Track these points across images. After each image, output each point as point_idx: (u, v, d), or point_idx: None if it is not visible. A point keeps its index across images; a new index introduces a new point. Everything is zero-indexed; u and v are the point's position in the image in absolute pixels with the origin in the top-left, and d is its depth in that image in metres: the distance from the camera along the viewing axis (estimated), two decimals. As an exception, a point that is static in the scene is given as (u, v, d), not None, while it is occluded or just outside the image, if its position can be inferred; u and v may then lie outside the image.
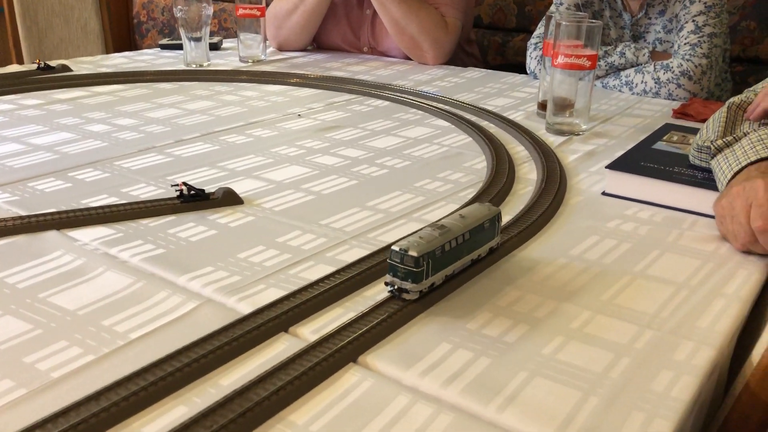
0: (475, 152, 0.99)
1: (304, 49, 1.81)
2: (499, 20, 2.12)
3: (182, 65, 1.57)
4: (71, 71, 1.46)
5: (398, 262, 0.54)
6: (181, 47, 1.58)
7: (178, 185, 0.77)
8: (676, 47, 1.32)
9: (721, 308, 0.58)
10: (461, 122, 1.12)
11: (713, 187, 0.77)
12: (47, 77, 1.36)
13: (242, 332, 0.51)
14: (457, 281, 0.60)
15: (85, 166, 0.89)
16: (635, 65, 1.35)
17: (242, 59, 1.63)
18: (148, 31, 3.12)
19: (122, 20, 3.16)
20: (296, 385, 0.46)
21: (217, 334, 0.51)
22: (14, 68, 1.45)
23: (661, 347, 0.52)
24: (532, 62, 1.47)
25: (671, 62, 1.30)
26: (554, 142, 1.04)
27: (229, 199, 0.77)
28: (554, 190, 0.82)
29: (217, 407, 0.43)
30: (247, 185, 0.84)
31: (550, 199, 0.79)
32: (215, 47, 1.78)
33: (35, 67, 1.43)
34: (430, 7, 1.62)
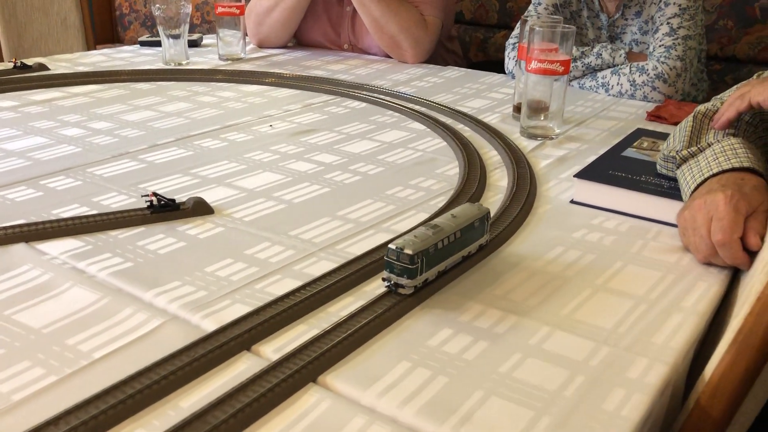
0: (448, 157, 1.00)
1: (284, 46, 1.81)
2: (480, 16, 2.12)
3: (161, 63, 1.56)
4: (48, 70, 1.46)
5: (394, 259, 0.59)
6: (160, 44, 1.58)
7: (148, 195, 0.77)
8: (651, 49, 1.33)
9: (678, 323, 0.59)
10: (437, 125, 1.12)
11: (678, 197, 0.78)
12: (23, 77, 1.35)
13: (204, 352, 0.52)
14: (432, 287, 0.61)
15: (57, 173, 0.89)
16: (612, 66, 1.36)
17: (221, 57, 1.63)
18: (130, 23, 3.09)
19: (105, 12, 3.13)
20: (255, 407, 0.46)
21: (179, 353, 0.52)
22: (-10, 67, 1.44)
23: (615, 364, 0.53)
24: (510, 62, 1.48)
25: (646, 65, 1.31)
26: (527, 146, 1.05)
27: (199, 209, 0.78)
28: (523, 198, 0.83)
29: (175, 431, 0.44)
30: (218, 193, 0.84)
31: (518, 208, 0.80)
32: (195, 44, 1.77)
33: (11, 66, 1.42)
34: (409, 5, 1.62)
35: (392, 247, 0.58)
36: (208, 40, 1.86)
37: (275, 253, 0.70)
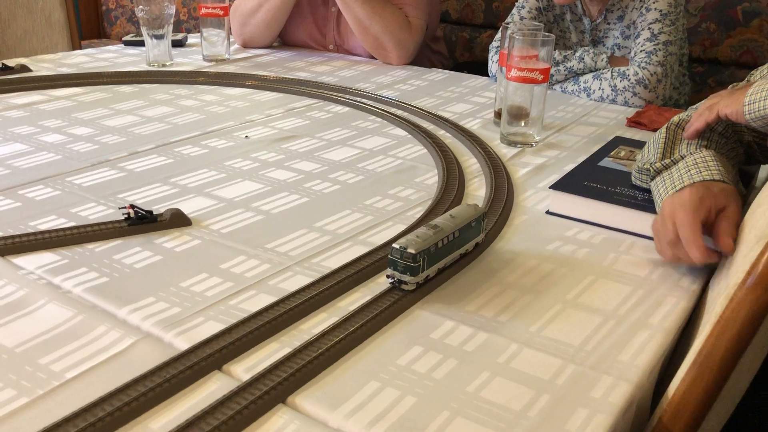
0: (428, 165, 1.01)
1: (269, 46, 1.80)
2: (466, 16, 2.12)
3: (145, 64, 1.56)
4: (30, 72, 1.45)
5: (398, 258, 0.63)
6: (144, 43, 1.57)
7: (126, 208, 0.78)
8: (632, 54, 1.34)
9: (644, 340, 0.60)
10: (418, 132, 1.13)
11: (652, 209, 0.79)
12: (5, 79, 1.35)
13: (176, 372, 0.52)
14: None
15: (36, 182, 0.89)
16: (594, 70, 1.37)
17: (206, 58, 1.62)
18: (117, 18, 3.08)
19: (91, 8, 3.11)
20: (224, 429, 0.47)
21: (150, 374, 0.52)
22: (-28, 69, 1.43)
23: (580, 383, 0.54)
24: (493, 66, 1.49)
25: (627, 70, 1.32)
26: (507, 154, 1.06)
27: (176, 220, 0.78)
28: (499, 209, 0.84)
29: (143, 454, 0.45)
30: (197, 204, 0.84)
31: (494, 220, 0.81)
32: (180, 44, 1.77)
33: (-7, 67, 1.41)
34: (394, 7, 1.62)
35: (396, 246, 0.63)
36: (193, 39, 1.85)
37: (251, 267, 0.70)
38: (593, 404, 0.52)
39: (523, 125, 1.10)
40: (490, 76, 1.52)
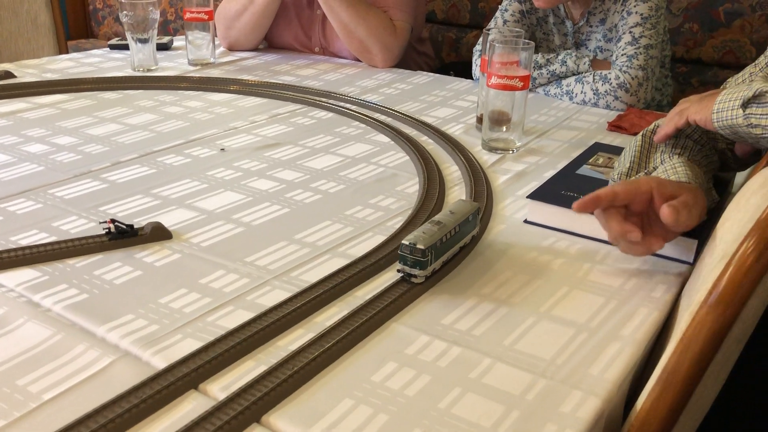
0: (409, 173, 1.02)
1: (254, 49, 1.80)
2: (452, 16, 2.13)
3: (130, 68, 1.56)
4: (15, 77, 1.45)
5: (408, 253, 0.68)
6: (129, 47, 1.57)
7: (106, 222, 0.78)
8: (614, 57, 1.35)
9: (615, 352, 0.61)
10: (400, 138, 1.14)
11: (627, 218, 0.80)
12: (-11, 86, 1.35)
13: (152, 392, 0.53)
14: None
15: (18, 195, 0.89)
16: (576, 74, 1.38)
17: (191, 62, 1.62)
18: (104, 18, 3.07)
19: (78, 7, 3.10)
20: (198, 450, 0.48)
21: (127, 394, 0.53)
22: (-45, 75, 1.43)
23: (550, 398, 0.55)
24: (476, 69, 1.49)
25: (609, 74, 1.33)
26: (488, 160, 1.07)
27: (157, 234, 0.79)
28: (478, 219, 0.84)
29: (118, 477, 0.45)
30: (178, 216, 0.85)
31: (472, 230, 0.82)
32: (165, 47, 1.77)
33: (-23, 74, 1.41)
34: (378, 10, 1.63)
35: (405, 242, 0.68)
36: (178, 42, 1.85)
37: (230, 281, 0.71)
38: (562, 419, 0.53)
39: (504, 130, 1.11)
40: (474, 79, 1.53)
